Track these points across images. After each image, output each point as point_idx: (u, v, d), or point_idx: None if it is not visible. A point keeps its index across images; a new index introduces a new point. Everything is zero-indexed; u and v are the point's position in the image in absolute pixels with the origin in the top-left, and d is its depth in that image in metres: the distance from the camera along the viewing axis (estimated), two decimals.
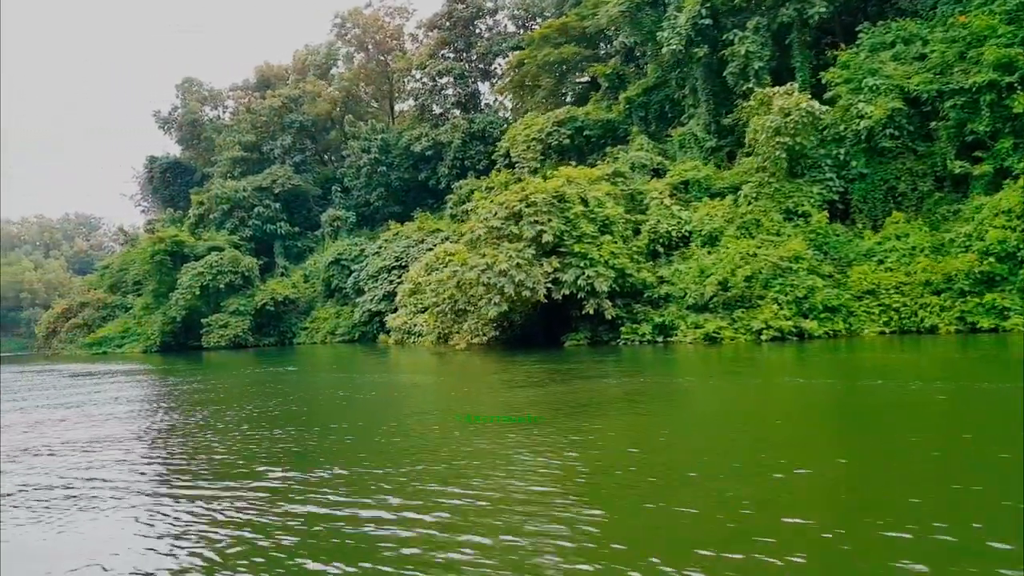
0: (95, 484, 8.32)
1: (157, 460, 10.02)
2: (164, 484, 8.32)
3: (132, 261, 67.85)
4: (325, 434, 11.12)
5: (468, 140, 54.37)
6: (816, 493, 6.60)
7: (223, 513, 6.76)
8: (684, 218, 28.09)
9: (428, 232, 49.00)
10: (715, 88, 34.13)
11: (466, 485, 7.14)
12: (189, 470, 8.94)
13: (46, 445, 11.22)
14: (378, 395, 16.63)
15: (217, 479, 8.30)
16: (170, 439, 11.36)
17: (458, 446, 9.39)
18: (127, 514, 6.98)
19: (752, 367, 18.74)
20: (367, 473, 8.07)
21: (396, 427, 11.42)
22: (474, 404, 13.51)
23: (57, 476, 8.89)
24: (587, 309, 25.33)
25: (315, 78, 68.33)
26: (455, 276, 26.72)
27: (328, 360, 32.17)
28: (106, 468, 9.26)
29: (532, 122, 38.94)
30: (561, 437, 9.54)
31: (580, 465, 7.94)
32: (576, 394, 13.99)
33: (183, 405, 16.04)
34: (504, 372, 19.29)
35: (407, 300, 41.49)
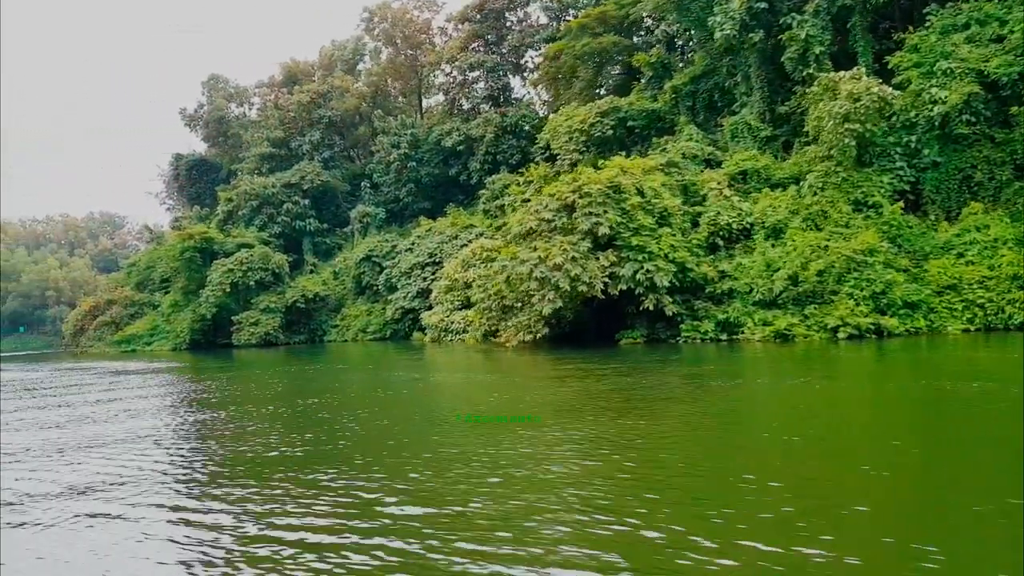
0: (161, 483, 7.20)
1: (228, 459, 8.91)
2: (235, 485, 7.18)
3: (159, 258, 67.47)
4: (407, 446, 9.93)
5: (500, 134, 53.12)
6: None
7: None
8: (744, 209, 26.66)
9: (461, 228, 47.89)
10: (769, 75, 32.65)
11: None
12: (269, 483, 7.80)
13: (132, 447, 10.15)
14: (449, 400, 15.45)
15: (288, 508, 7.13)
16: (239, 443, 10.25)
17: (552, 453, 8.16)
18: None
19: (834, 367, 17.37)
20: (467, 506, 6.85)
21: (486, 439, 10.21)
22: (567, 412, 12.23)
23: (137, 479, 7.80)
24: (646, 305, 24.01)
25: (343, 73, 67.48)
26: (504, 271, 25.48)
27: (366, 358, 31.09)
28: (173, 464, 8.15)
29: (573, 113, 37.62)
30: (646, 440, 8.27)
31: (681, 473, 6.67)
32: (656, 396, 12.72)
33: (239, 409, 14.95)
34: (571, 373, 18.01)
35: (443, 297, 40.40)
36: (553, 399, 12.95)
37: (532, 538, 5.40)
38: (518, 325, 25.70)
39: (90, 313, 66.67)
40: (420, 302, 45.09)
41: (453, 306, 39.48)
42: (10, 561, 5.74)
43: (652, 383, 14.80)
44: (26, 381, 25.69)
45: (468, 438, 9.70)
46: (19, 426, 13.29)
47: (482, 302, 27.08)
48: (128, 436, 11.30)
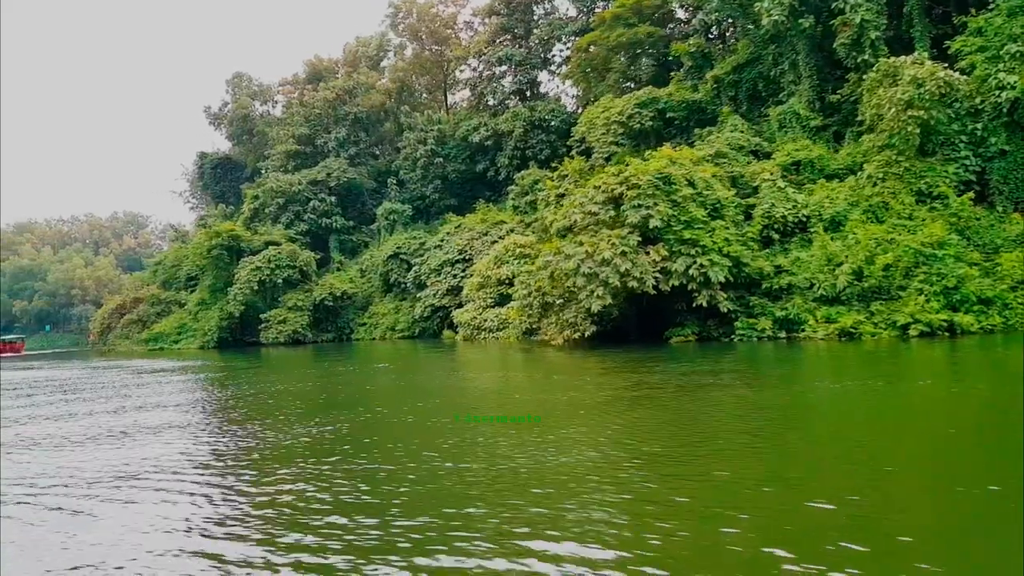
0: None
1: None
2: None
3: (185, 257, 67.28)
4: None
5: (530, 129, 52.13)
6: None
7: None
8: (800, 201, 25.41)
9: (491, 224, 46.94)
10: (818, 63, 31.35)
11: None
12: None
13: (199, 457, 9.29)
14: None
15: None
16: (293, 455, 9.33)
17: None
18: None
19: (914, 367, 16.17)
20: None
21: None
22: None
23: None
24: (699, 301, 22.87)
25: (367, 70, 66.85)
26: (548, 267, 24.45)
27: (399, 358, 30.20)
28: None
29: (610, 104, 36.50)
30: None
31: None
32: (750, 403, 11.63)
33: (285, 415, 14.07)
34: (629, 373, 16.94)
35: (475, 294, 39.51)
36: (628, 416, 11.90)
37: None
38: (563, 322, 24.65)
39: (116, 311, 66.60)
40: (450, 299, 44.24)
41: (486, 303, 38.58)
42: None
43: (720, 383, 13.71)
44: (62, 381, 25.06)
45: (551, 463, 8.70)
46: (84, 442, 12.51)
47: (523, 299, 26.04)
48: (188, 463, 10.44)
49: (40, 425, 12.86)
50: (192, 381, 22.96)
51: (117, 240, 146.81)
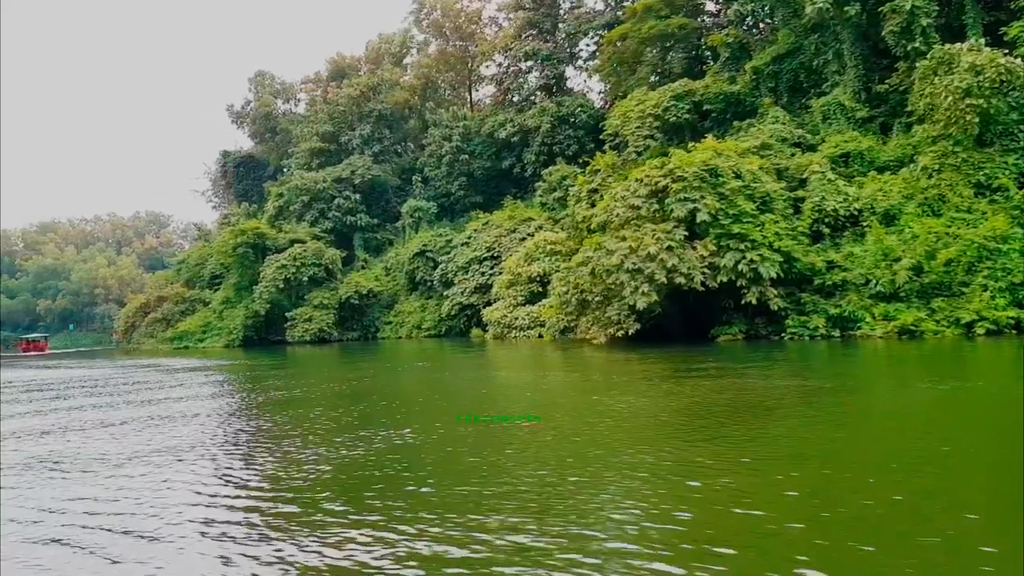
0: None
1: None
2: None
3: (209, 255, 67.30)
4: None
5: (557, 124, 51.41)
6: None
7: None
8: (851, 194, 24.43)
9: (519, 221, 46.25)
10: (864, 52, 30.29)
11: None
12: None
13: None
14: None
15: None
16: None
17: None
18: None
19: (989, 368, 15.22)
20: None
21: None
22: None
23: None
24: (748, 298, 22.01)
25: (391, 66, 66.41)
26: (588, 263, 23.68)
27: (430, 357, 29.54)
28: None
29: (644, 97, 35.63)
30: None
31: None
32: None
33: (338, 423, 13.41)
34: (680, 373, 16.12)
35: (505, 292, 38.83)
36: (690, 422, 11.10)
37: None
38: (605, 320, 23.86)
39: (141, 310, 66.74)
40: (478, 298, 43.61)
41: (516, 301, 37.90)
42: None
43: (778, 386, 12.88)
44: (95, 379, 24.67)
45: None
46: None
47: (560, 296, 25.26)
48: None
49: (98, 441, 11.99)
50: (234, 382, 22.46)
51: (139, 239, 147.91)
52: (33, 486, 7.80)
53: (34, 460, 9.25)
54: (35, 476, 8.32)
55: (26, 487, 7.76)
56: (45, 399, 18.03)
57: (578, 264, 24.43)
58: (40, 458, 9.37)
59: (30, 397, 18.83)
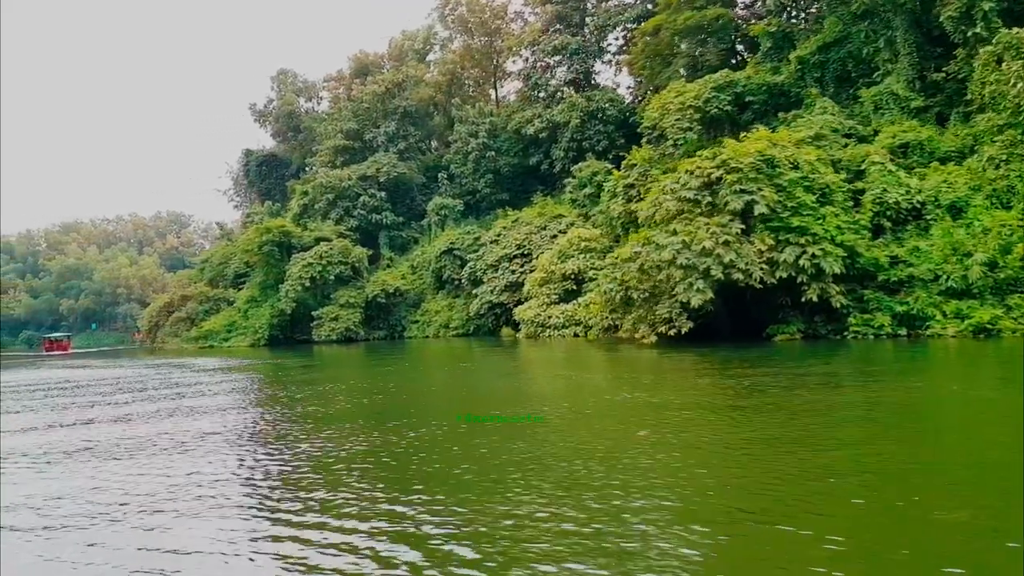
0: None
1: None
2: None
3: (232, 254, 66.94)
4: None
5: (587, 119, 50.39)
6: None
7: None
8: (913, 186, 23.24)
9: (550, 218, 45.29)
10: (917, 39, 29.04)
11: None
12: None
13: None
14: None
15: None
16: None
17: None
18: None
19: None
20: None
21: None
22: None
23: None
24: (809, 295, 20.91)
25: (416, 63, 65.70)
26: (637, 258, 22.67)
27: (465, 359, 28.64)
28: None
29: (684, 89, 34.49)
30: None
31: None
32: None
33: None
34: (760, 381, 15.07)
35: (538, 290, 37.88)
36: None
37: None
38: (655, 318, 22.84)
39: (165, 309, 66.53)
40: (508, 296, 42.69)
41: (550, 300, 36.94)
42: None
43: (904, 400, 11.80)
44: (130, 380, 24.02)
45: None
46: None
47: (606, 294, 24.25)
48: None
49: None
50: (275, 385, 21.72)
51: (160, 239, 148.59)
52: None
53: (126, 504, 8.43)
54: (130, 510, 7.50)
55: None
56: (96, 402, 17.33)
57: (625, 260, 23.42)
58: (137, 499, 8.56)
59: (69, 401, 18.16)
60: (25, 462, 9.06)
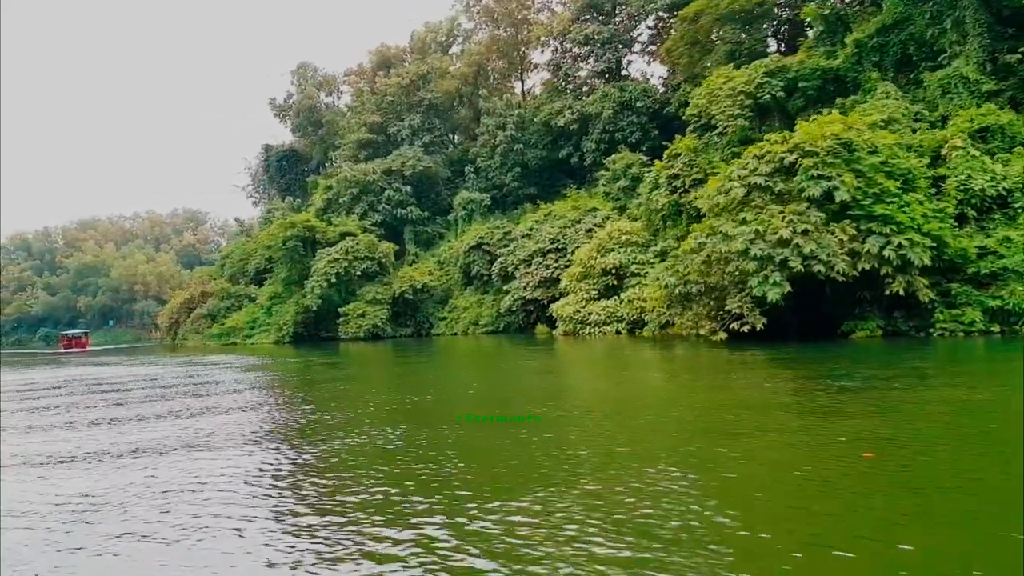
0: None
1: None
2: None
3: (253, 250, 66.01)
4: None
5: (619, 110, 48.96)
6: None
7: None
8: (998, 172, 21.66)
9: (584, 211, 43.86)
10: (988, 20, 27.38)
11: None
12: None
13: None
14: None
15: None
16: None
17: None
18: None
19: None
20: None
21: None
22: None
23: None
24: (894, 288, 19.39)
25: (440, 55, 64.42)
26: (702, 249, 21.22)
27: (522, 354, 27.27)
28: None
29: (733, 75, 32.99)
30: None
31: None
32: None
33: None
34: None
35: (576, 285, 36.48)
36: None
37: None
38: (722, 314, 21.37)
39: (185, 306, 65.68)
40: (543, 292, 41.32)
41: (589, 296, 35.53)
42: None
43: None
44: (166, 379, 22.83)
45: None
46: None
47: (667, 288, 22.78)
48: None
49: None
50: (319, 381, 20.47)
51: (177, 237, 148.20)
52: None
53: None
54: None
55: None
56: (149, 398, 16.12)
57: (688, 251, 21.96)
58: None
59: (105, 406, 16.96)
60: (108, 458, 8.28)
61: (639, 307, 32.43)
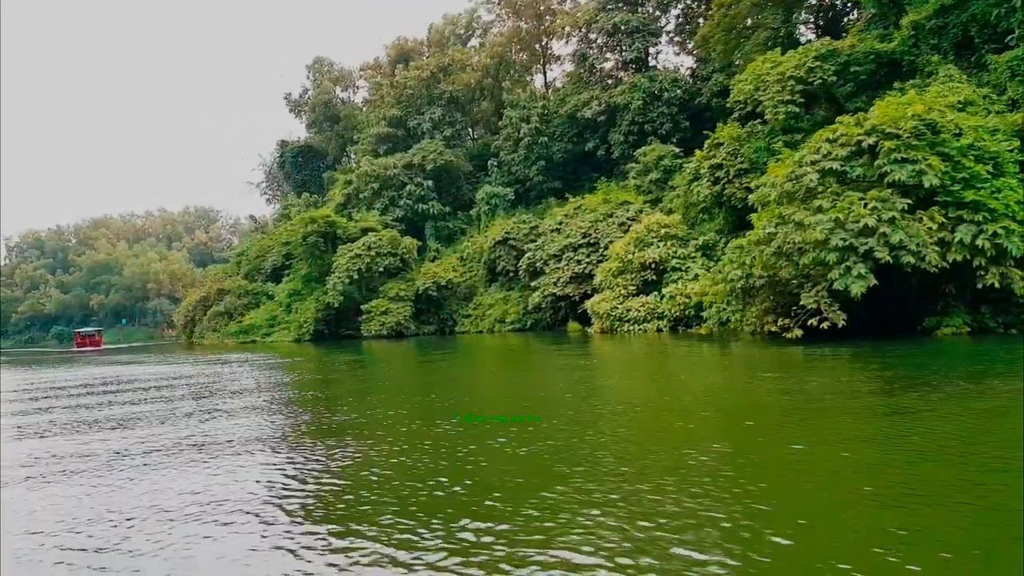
0: None
1: None
2: None
3: (270, 247, 64.87)
4: None
5: (649, 101, 47.42)
6: None
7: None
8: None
9: (616, 204, 42.35)
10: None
11: None
12: None
13: None
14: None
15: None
16: None
17: None
18: None
19: None
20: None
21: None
22: None
23: None
24: (987, 281, 17.85)
25: (461, 47, 63.03)
26: (772, 239, 19.71)
27: (553, 360, 25.84)
28: None
29: (780, 59, 31.40)
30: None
31: None
32: None
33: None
34: None
35: (612, 281, 35.01)
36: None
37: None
38: (795, 309, 19.83)
39: (201, 304, 64.55)
40: (574, 288, 39.86)
41: (627, 291, 34.06)
42: None
43: None
44: (197, 379, 21.51)
45: None
46: None
47: (732, 282, 21.25)
48: None
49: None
50: (357, 380, 19.12)
51: (189, 235, 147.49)
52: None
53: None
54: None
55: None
56: (198, 394, 14.78)
57: (755, 242, 20.43)
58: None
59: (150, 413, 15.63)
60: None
61: (682, 303, 31.02)
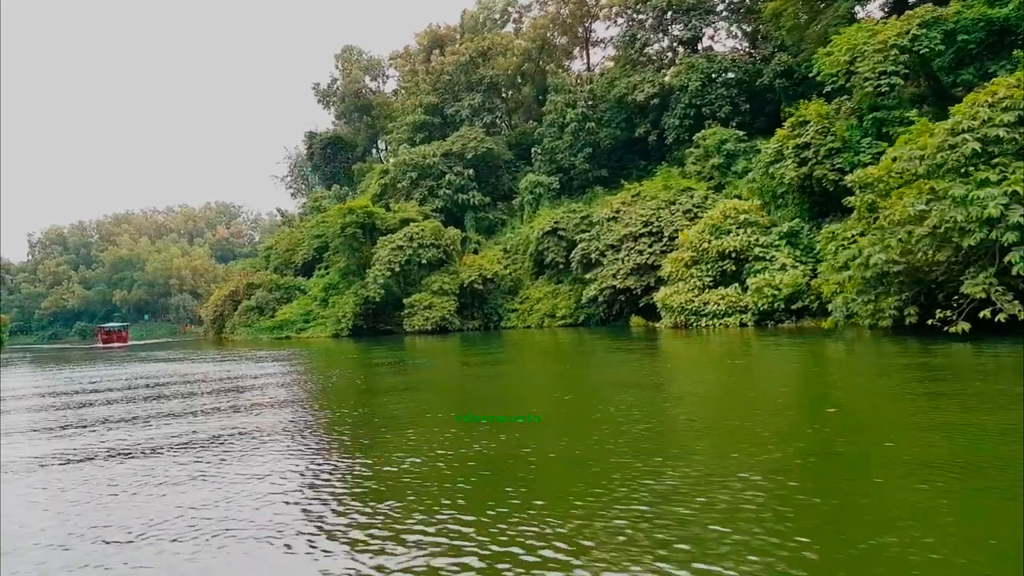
0: None
1: None
2: None
3: (300, 241, 62.78)
4: None
5: (707, 83, 44.64)
6: None
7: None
8: None
9: (678, 191, 39.63)
10: None
11: None
12: None
13: None
14: None
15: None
16: None
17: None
18: None
19: None
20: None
21: None
22: None
23: None
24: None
25: (499, 31, 60.48)
26: (926, 217, 16.97)
27: (667, 356, 23.21)
28: None
29: (877, 28, 28.61)
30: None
31: None
32: None
33: None
34: None
35: (685, 272, 32.34)
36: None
37: None
38: (958, 300, 17.04)
39: (230, 299, 62.47)
40: (635, 280, 37.22)
41: (703, 283, 31.40)
42: None
43: None
44: (276, 377, 19.16)
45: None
46: None
47: (874, 268, 18.48)
48: None
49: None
50: (430, 381, 16.66)
51: (211, 230, 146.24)
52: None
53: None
54: None
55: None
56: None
57: (902, 221, 17.66)
58: None
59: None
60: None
61: (770, 295, 28.34)
